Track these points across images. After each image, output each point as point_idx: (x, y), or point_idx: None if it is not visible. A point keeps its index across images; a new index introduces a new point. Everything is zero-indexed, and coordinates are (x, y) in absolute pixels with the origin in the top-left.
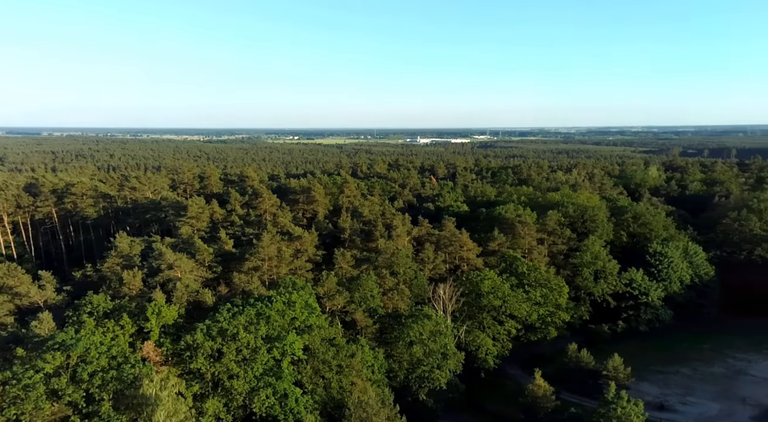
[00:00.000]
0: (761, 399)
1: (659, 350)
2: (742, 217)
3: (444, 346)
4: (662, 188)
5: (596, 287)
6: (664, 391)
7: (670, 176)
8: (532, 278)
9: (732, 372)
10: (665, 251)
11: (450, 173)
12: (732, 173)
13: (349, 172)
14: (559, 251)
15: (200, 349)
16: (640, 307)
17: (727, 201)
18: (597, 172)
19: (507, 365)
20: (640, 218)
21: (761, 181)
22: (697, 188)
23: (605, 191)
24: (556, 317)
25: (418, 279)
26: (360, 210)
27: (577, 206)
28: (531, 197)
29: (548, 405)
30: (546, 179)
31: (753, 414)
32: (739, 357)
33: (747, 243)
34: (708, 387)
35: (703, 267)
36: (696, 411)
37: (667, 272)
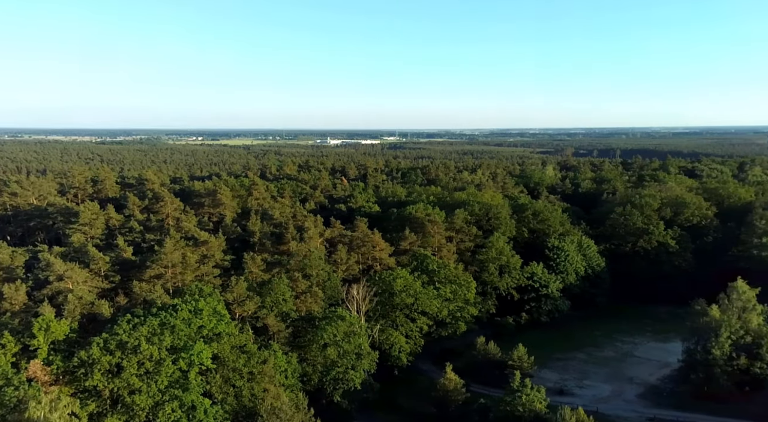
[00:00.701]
0: (645, 377)
1: (558, 338)
2: (626, 212)
3: (358, 346)
4: (558, 186)
5: (501, 281)
6: (563, 377)
7: (564, 175)
8: (442, 275)
9: (621, 355)
10: (562, 245)
11: (361, 174)
12: (617, 172)
13: (257, 174)
14: (466, 248)
15: (96, 365)
16: (541, 299)
17: (614, 198)
18: (500, 172)
19: (419, 361)
20: (540, 215)
21: (642, 179)
22: (589, 186)
23: (507, 190)
24: (465, 312)
25: (332, 281)
26: (270, 213)
27: (482, 204)
28: (439, 196)
29: (459, 397)
30: (453, 179)
31: (639, 392)
32: (627, 340)
33: (631, 236)
34: (601, 370)
35: (595, 259)
36: (591, 393)
37: (564, 265)
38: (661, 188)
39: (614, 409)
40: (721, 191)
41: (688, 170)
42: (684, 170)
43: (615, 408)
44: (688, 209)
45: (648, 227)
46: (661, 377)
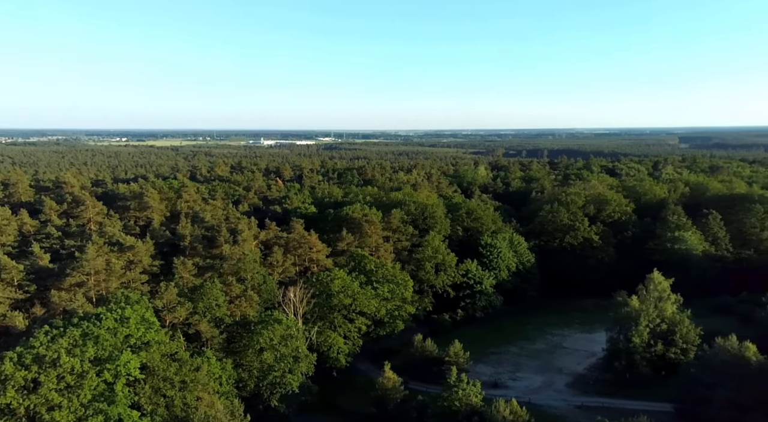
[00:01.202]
0: (573, 367)
1: (493, 333)
2: (554, 209)
3: (296, 349)
4: (490, 185)
5: (437, 279)
6: (498, 370)
7: (496, 174)
8: (379, 275)
9: (551, 347)
10: (495, 242)
11: (296, 175)
12: (545, 172)
13: (187, 175)
14: (403, 248)
15: (9, 381)
16: (475, 295)
17: (542, 196)
18: (434, 172)
19: (358, 361)
20: (473, 214)
21: (567, 177)
22: (518, 185)
23: (442, 190)
24: (402, 310)
25: (267, 284)
26: (201, 215)
27: (418, 204)
28: (376, 196)
29: (397, 395)
30: (389, 180)
31: (567, 381)
32: (557, 332)
33: (559, 232)
34: (532, 362)
35: (525, 256)
36: (524, 385)
37: (497, 261)
38: (585, 186)
39: (545, 399)
40: (638, 188)
41: (609, 169)
42: (605, 169)
43: (546, 398)
44: (610, 206)
45: (574, 223)
46: (587, 366)
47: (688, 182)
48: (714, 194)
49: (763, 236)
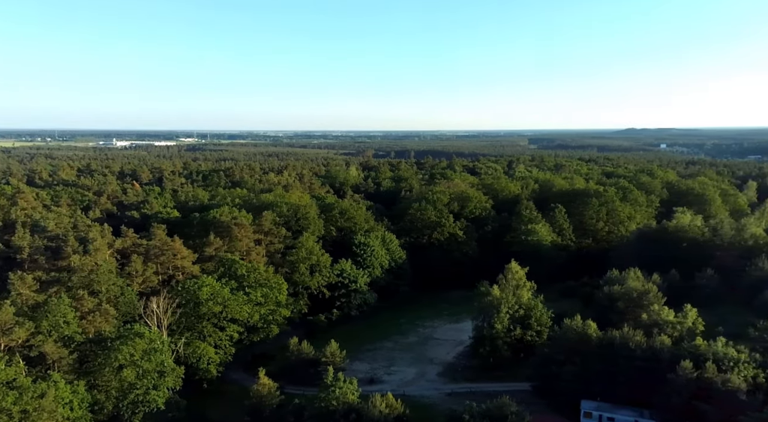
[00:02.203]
0: (443, 357)
1: (368, 330)
2: (422, 207)
3: (160, 364)
4: (362, 185)
5: (312, 280)
6: (373, 366)
7: (367, 174)
8: (251, 280)
9: (423, 339)
10: (368, 241)
11: (156, 178)
12: (413, 171)
13: (23, 180)
14: (276, 250)
15: None
16: (350, 294)
17: (411, 195)
18: (306, 173)
19: (231, 370)
20: (346, 213)
21: (433, 177)
22: (389, 185)
23: (314, 190)
24: (277, 314)
25: (126, 296)
26: (43, 224)
27: (290, 205)
28: (245, 199)
29: (273, 401)
30: (259, 181)
31: (439, 371)
32: (427, 325)
33: (427, 229)
34: (406, 355)
35: (397, 253)
36: (398, 378)
37: (370, 259)
38: (449, 184)
39: (419, 390)
40: (495, 186)
41: (470, 168)
42: (467, 168)
43: (419, 389)
44: (472, 203)
45: (440, 220)
46: (456, 355)
47: (538, 180)
48: (559, 189)
49: (599, 227)
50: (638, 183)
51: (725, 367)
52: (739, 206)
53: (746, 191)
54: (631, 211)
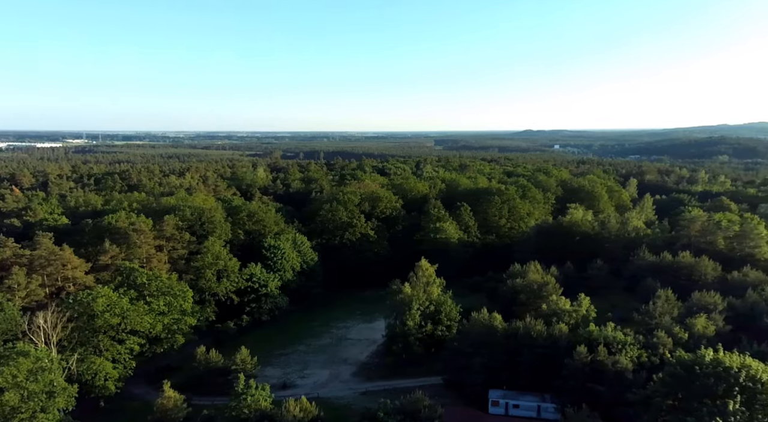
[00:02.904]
0: (357, 356)
1: (280, 334)
2: (333, 208)
3: (49, 384)
4: (270, 187)
5: (220, 286)
6: (286, 370)
7: (275, 176)
8: (153, 288)
9: (336, 340)
10: (278, 243)
11: (40, 182)
12: (323, 172)
13: None
14: (180, 256)
15: None
16: (261, 299)
17: (322, 196)
18: (210, 175)
19: (133, 385)
20: (255, 216)
21: (344, 177)
22: (298, 186)
23: (220, 193)
24: (182, 323)
25: (6, 312)
26: None
27: (194, 208)
28: (144, 203)
29: (180, 414)
30: (159, 184)
31: (353, 371)
32: (341, 325)
33: (339, 230)
34: (319, 357)
35: (309, 255)
36: (312, 381)
37: (281, 262)
38: (360, 185)
39: (333, 391)
40: (405, 186)
41: (379, 168)
42: (376, 169)
43: (333, 390)
44: (382, 203)
45: (352, 220)
46: (370, 354)
47: (444, 179)
48: (464, 189)
49: (501, 223)
50: (536, 182)
51: (615, 350)
52: (623, 202)
53: (628, 188)
54: (530, 208)
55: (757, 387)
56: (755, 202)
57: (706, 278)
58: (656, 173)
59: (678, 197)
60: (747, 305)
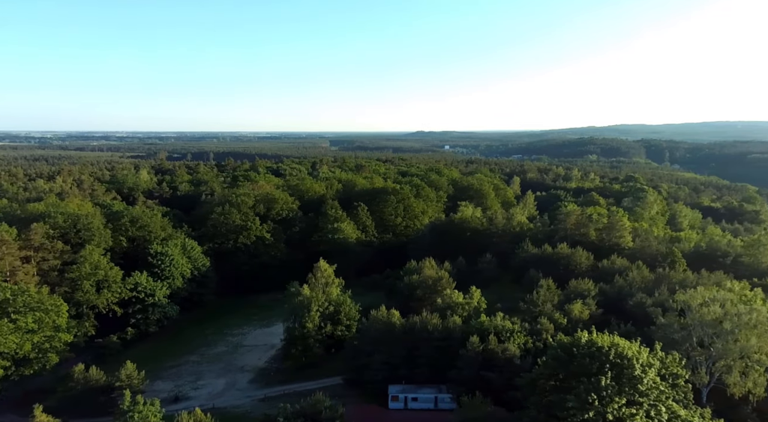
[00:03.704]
0: (255, 362)
1: (171, 345)
2: (226, 211)
3: None
4: (155, 190)
5: (100, 298)
6: (178, 383)
7: (161, 178)
8: (19, 304)
9: (232, 348)
10: (166, 250)
11: None
12: (213, 174)
13: None
14: (51, 267)
15: None
16: (148, 309)
17: (213, 198)
18: (86, 178)
19: None
20: (138, 222)
21: (236, 179)
22: (187, 189)
23: (98, 198)
24: (55, 341)
25: None
26: None
27: (67, 215)
28: (7, 210)
29: None
30: (24, 189)
31: (250, 378)
32: (236, 332)
33: (232, 233)
34: (214, 367)
35: (200, 260)
36: (207, 392)
37: (169, 270)
38: (253, 186)
39: (229, 400)
40: (301, 187)
41: (274, 169)
42: (271, 170)
43: (230, 399)
44: (278, 205)
45: (246, 223)
46: (268, 359)
47: (341, 180)
48: (361, 189)
49: (397, 222)
50: (429, 181)
51: (504, 338)
52: (508, 199)
53: (512, 185)
54: (424, 206)
55: (624, 362)
56: (619, 196)
57: (581, 267)
58: (536, 172)
59: (556, 194)
60: (615, 290)
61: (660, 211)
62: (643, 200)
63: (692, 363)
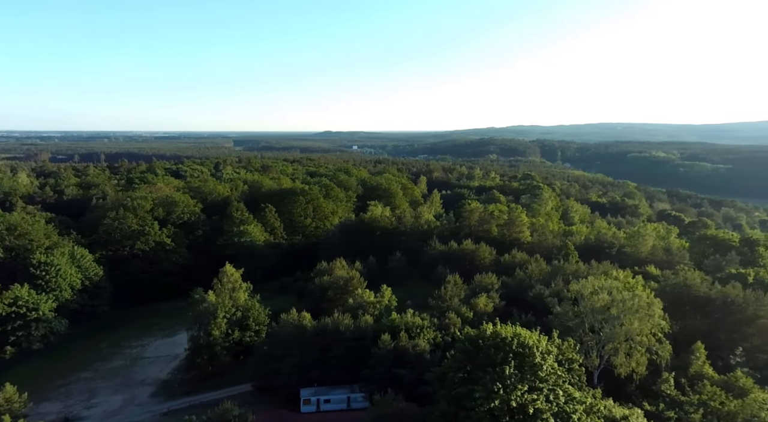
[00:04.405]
0: (156, 375)
1: (59, 362)
2: (120, 216)
3: None
4: (37, 195)
5: None
6: (68, 403)
7: (43, 182)
8: None
9: (130, 361)
10: (51, 259)
11: None
12: (105, 176)
13: None
14: None
15: None
16: (30, 325)
17: (105, 202)
18: None
19: None
20: (17, 230)
21: (131, 181)
22: (75, 193)
23: None
24: None
25: None
26: None
27: None
28: None
29: None
30: None
31: (151, 391)
32: (135, 344)
33: (128, 239)
34: (110, 383)
35: (92, 269)
36: (102, 410)
37: (56, 281)
38: (151, 189)
39: (129, 417)
40: (203, 188)
41: (173, 171)
42: (170, 171)
43: (129, 416)
44: (179, 208)
45: (144, 228)
46: (171, 370)
47: (246, 181)
48: (268, 190)
49: (307, 223)
50: (338, 181)
51: (414, 334)
52: (416, 197)
53: (419, 185)
54: (333, 206)
55: (525, 351)
56: (518, 194)
57: (485, 261)
58: (441, 171)
59: (460, 192)
60: (516, 283)
61: (554, 207)
62: (539, 197)
63: (585, 347)
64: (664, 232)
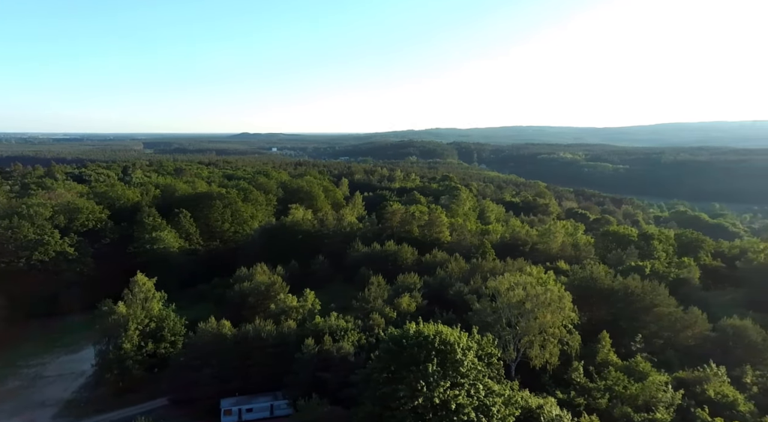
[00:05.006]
0: (59, 394)
1: None
2: (14, 225)
3: None
4: None
5: None
6: None
7: None
8: None
9: (28, 381)
10: None
11: None
12: None
13: None
14: None
15: None
16: None
17: None
18: None
19: None
20: None
21: (27, 187)
22: None
23: None
24: None
25: None
26: None
27: None
28: None
29: None
30: None
31: (54, 412)
32: (34, 363)
33: (24, 250)
34: (5, 406)
35: None
36: None
37: None
38: (50, 195)
39: None
40: (111, 194)
41: (76, 175)
42: (72, 175)
43: None
44: (83, 214)
45: (43, 237)
46: (76, 388)
47: (159, 185)
48: (182, 194)
49: (225, 228)
50: (257, 184)
51: (338, 337)
52: (338, 200)
53: (341, 187)
54: (253, 210)
55: (447, 348)
56: (437, 194)
57: (407, 262)
58: (363, 173)
59: (382, 194)
60: (437, 282)
61: (472, 207)
62: (458, 197)
63: (503, 342)
64: (572, 229)
